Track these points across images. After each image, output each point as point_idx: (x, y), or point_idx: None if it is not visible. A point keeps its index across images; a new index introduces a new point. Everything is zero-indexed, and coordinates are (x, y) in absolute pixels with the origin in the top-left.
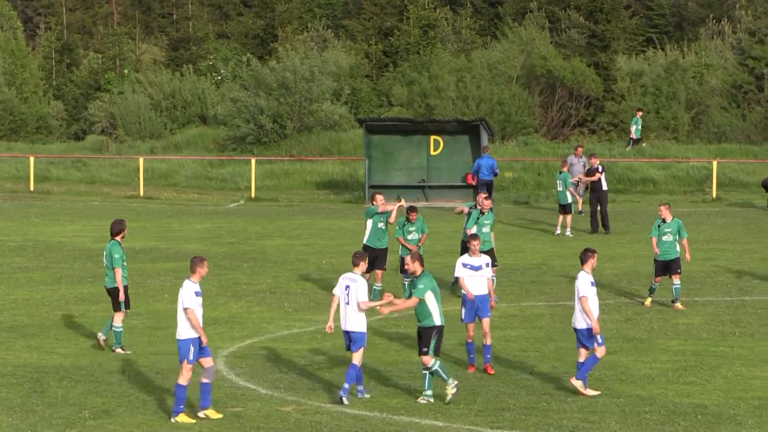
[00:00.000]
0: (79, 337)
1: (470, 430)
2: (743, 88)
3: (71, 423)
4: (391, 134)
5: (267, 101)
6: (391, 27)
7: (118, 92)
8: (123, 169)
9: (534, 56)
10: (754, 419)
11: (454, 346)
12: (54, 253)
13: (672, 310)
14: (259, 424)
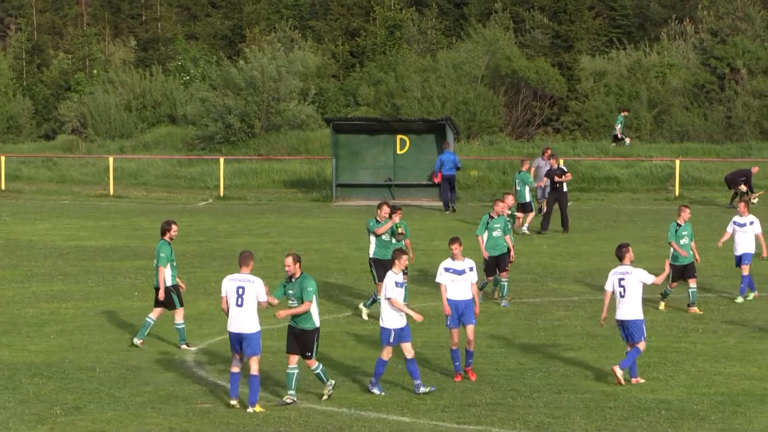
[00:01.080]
0: (50, 334)
1: (436, 425)
2: (705, 88)
3: (43, 419)
4: (357, 133)
5: (235, 101)
6: (357, 28)
7: (88, 92)
8: (93, 168)
9: (498, 56)
10: (717, 414)
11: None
12: (25, 251)
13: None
14: (228, 420)
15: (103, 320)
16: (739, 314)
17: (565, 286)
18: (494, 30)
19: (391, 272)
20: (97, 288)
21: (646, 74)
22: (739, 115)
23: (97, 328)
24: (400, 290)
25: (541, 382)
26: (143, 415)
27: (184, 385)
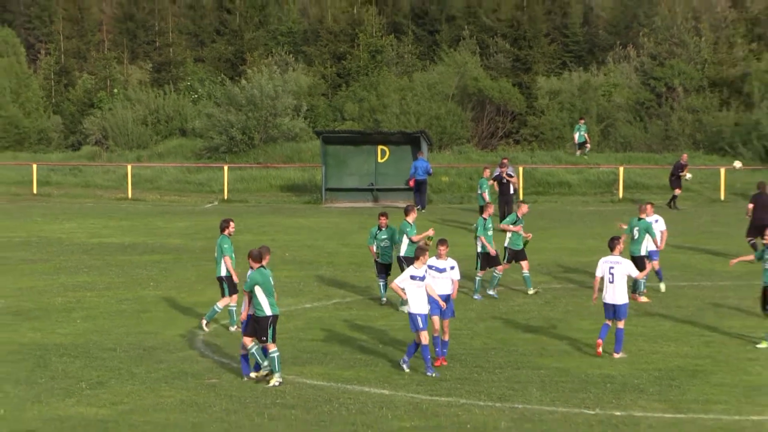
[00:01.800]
0: (76, 319)
1: (413, 397)
2: (645, 105)
3: (70, 393)
4: (344, 144)
5: (237, 116)
6: (343, 52)
7: (108, 109)
8: (113, 175)
9: (466, 77)
10: (655, 387)
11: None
12: (54, 247)
13: (584, 295)
14: (231, 393)
15: (123, 307)
16: (674, 301)
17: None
18: (463, 54)
19: (412, 267)
20: (117, 279)
21: (594, 93)
22: (675, 128)
23: (117, 314)
24: (419, 282)
25: (503, 359)
26: (158, 389)
27: (194, 363)
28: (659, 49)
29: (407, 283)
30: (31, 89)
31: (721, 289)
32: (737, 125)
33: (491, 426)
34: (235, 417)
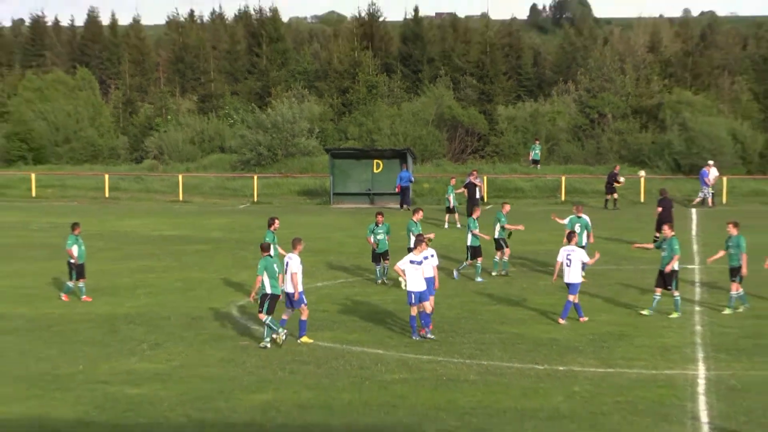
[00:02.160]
0: (140, 295)
1: (401, 356)
2: (582, 128)
3: (134, 352)
4: (347, 159)
5: (264, 137)
6: (346, 87)
7: (164, 131)
8: (168, 183)
9: (442, 106)
10: (590, 348)
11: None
12: (122, 239)
13: (535, 276)
14: (260, 353)
15: (176, 285)
16: (605, 280)
17: (488, 262)
18: (440, 89)
19: (412, 253)
20: (171, 264)
21: (542, 118)
22: (605, 146)
23: (171, 291)
24: (416, 266)
25: (471, 326)
26: (202, 349)
27: (230, 329)
28: (593, 84)
29: (407, 266)
30: (104, 116)
31: (641, 272)
32: (653, 143)
33: (462, 378)
34: (263, 371)
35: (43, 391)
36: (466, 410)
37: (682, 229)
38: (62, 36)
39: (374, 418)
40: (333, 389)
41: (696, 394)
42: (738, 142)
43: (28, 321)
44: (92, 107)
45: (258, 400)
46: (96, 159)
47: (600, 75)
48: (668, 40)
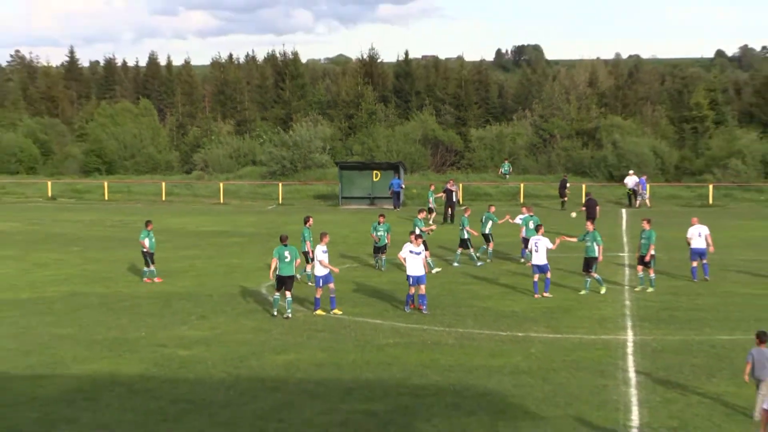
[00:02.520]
0: (189, 277)
1: (394, 325)
2: (536, 145)
3: (185, 322)
4: (352, 170)
5: (286, 153)
6: (351, 113)
7: (208, 148)
8: (211, 189)
9: (427, 129)
10: (544, 318)
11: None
12: (175, 233)
13: (503, 261)
14: (283, 323)
15: (218, 270)
16: (556, 266)
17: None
18: (425, 115)
19: (411, 244)
20: (213, 253)
21: (506, 139)
22: (554, 160)
23: (214, 274)
24: (415, 255)
25: (450, 301)
26: (238, 320)
27: (261, 304)
28: (545, 111)
29: (408, 255)
30: (161, 136)
31: (581, 260)
32: (592, 158)
33: (443, 342)
34: (286, 337)
35: (114, 352)
36: (445, 367)
37: (614, 225)
38: (129, 74)
39: (373, 374)
40: (341, 351)
41: (626, 354)
42: (658, 156)
43: (102, 297)
44: (152, 130)
45: (282, 360)
46: (155, 170)
47: (550, 104)
48: (603, 77)
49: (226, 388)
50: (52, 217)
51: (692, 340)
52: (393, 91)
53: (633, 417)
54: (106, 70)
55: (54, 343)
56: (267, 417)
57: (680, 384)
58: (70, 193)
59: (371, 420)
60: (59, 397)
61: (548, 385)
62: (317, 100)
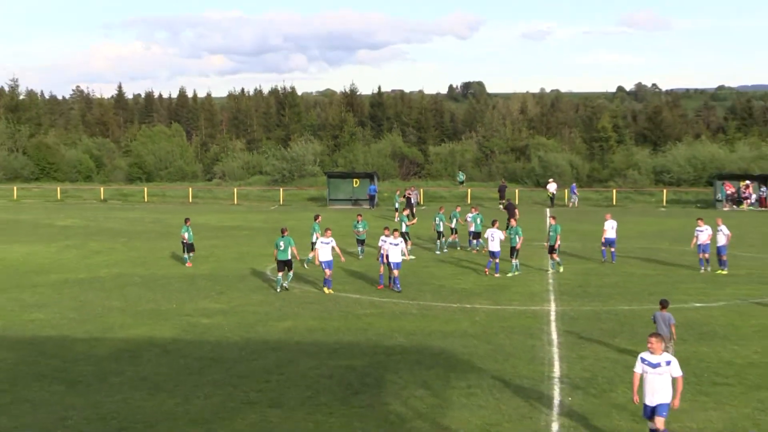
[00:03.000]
0: (211, 261)
1: (370, 299)
2: (480, 159)
3: (206, 296)
4: (337, 178)
5: (286, 165)
6: (336, 134)
7: (224, 161)
8: (228, 193)
9: (395, 146)
10: (487, 294)
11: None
12: (200, 227)
13: (468, 251)
14: (283, 296)
15: (232, 256)
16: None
17: (423, 241)
18: (393, 136)
19: (391, 237)
20: (229, 242)
21: (457, 154)
22: (494, 170)
23: (229, 259)
24: (394, 246)
25: (413, 280)
26: (249, 294)
27: (265, 282)
28: (486, 133)
29: (388, 246)
30: (188, 152)
31: (521, 248)
32: (523, 168)
33: (408, 312)
34: (285, 308)
35: (151, 320)
36: (410, 332)
37: (541, 221)
38: (163, 104)
39: (353, 337)
40: (328, 319)
41: (550, 321)
42: (573, 168)
43: (141, 278)
44: (181, 147)
45: (282, 326)
46: (183, 179)
47: (491, 127)
48: (531, 106)
49: (239, 348)
50: (104, 215)
51: (600, 310)
52: (369, 117)
53: (555, 370)
54: (146, 101)
55: (105, 313)
56: (271, 371)
57: (591, 344)
58: (118, 196)
59: (352, 373)
60: (109, 355)
61: (489, 346)
62: (310, 124)
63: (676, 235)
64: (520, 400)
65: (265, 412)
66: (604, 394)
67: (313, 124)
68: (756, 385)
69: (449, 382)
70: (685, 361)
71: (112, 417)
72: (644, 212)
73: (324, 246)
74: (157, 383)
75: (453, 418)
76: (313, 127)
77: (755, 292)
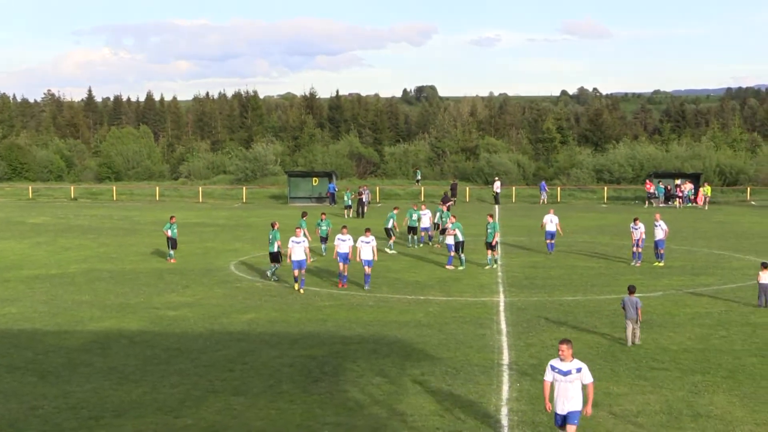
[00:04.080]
0: (177, 256)
1: (329, 291)
2: (433, 159)
3: (172, 290)
4: (297, 177)
5: (249, 164)
6: (297, 135)
7: (190, 161)
8: (193, 191)
9: (353, 146)
10: (439, 286)
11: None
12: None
13: (436, 249)
14: (248, 289)
15: (197, 251)
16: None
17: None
18: (351, 137)
19: (363, 236)
20: (194, 238)
21: (410, 154)
22: (446, 170)
23: (194, 254)
24: (366, 244)
25: (377, 273)
26: (212, 288)
27: (229, 276)
28: (438, 134)
29: (361, 244)
30: (155, 153)
31: (471, 242)
32: (473, 168)
33: (365, 303)
34: (248, 301)
35: (120, 313)
36: (367, 323)
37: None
38: (131, 106)
39: (313, 328)
40: (289, 311)
41: (499, 311)
42: (520, 167)
43: (110, 273)
44: (148, 148)
45: (245, 318)
46: (151, 178)
47: (442, 129)
48: (481, 109)
49: (204, 339)
50: (74, 213)
51: (546, 301)
52: (327, 119)
53: (504, 357)
54: (115, 104)
55: (75, 307)
56: (234, 360)
57: (538, 333)
58: (88, 195)
59: (312, 362)
60: (79, 346)
61: (442, 335)
62: (271, 126)
63: (616, 230)
64: (471, 387)
65: (230, 400)
66: None
67: (274, 126)
68: (690, 369)
69: (404, 369)
70: (625, 348)
71: (81, 406)
72: (587, 208)
73: (297, 246)
74: (126, 373)
75: (408, 404)
76: (275, 129)
77: (689, 282)
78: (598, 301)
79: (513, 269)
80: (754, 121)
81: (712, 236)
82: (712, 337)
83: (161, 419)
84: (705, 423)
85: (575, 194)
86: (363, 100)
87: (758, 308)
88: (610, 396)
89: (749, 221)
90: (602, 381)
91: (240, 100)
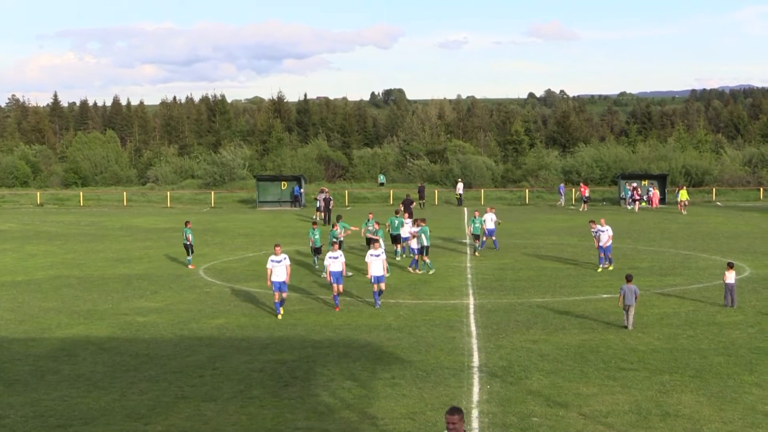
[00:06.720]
0: (146, 262)
1: (299, 296)
2: (401, 162)
3: (141, 296)
4: (266, 181)
5: (217, 169)
6: (265, 139)
7: (158, 166)
8: (161, 196)
9: (322, 150)
10: (409, 289)
11: None
12: (134, 229)
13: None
14: (217, 295)
15: (166, 257)
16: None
17: (357, 238)
18: (319, 140)
19: (372, 249)
20: (163, 244)
21: (378, 157)
22: (414, 173)
23: (163, 259)
24: (375, 258)
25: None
26: (182, 293)
27: (198, 281)
28: (407, 137)
29: (371, 258)
30: (123, 157)
31: (441, 244)
32: (441, 170)
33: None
34: (217, 306)
35: (88, 320)
36: (337, 326)
37: (459, 219)
38: (98, 111)
39: (283, 332)
40: (259, 316)
41: (469, 314)
42: (488, 169)
43: (78, 279)
44: (116, 153)
45: (215, 323)
46: (118, 183)
47: (411, 132)
48: (449, 112)
49: (173, 345)
50: (41, 219)
51: (516, 302)
52: (295, 123)
53: (474, 359)
54: (81, 109)
55: (42, 314)
56: (204, 366)
57: (507, 335)
58: (54, 201)
59: (282, 367)
60: (47, 354)
61: (412, 338)
62: (239, 130)
63: (583, 231)
64: (442, 389)
65: (200, 406)
66: (520, 382)
67: (242, 130)
68: (658, 369)
69: (375, 373)
70: (594, 349)
71: (50, 414)
72: (554, 210)
73: (276, 265)
74: (94, 380)
75: (379, 408)
76: (243, 133)
77: (657, 282)
78: (567, 302)
79: (482, 271)
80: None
81: (678, 237)
82: (679, 337)
83: (131, 426)
84: (673, 422)
85: (543, 196)
86: (331, 103)
87: (724, 308)
88: (580, 397)
89: (715, 221)
90: (572, 382)
91: (207, 105)
